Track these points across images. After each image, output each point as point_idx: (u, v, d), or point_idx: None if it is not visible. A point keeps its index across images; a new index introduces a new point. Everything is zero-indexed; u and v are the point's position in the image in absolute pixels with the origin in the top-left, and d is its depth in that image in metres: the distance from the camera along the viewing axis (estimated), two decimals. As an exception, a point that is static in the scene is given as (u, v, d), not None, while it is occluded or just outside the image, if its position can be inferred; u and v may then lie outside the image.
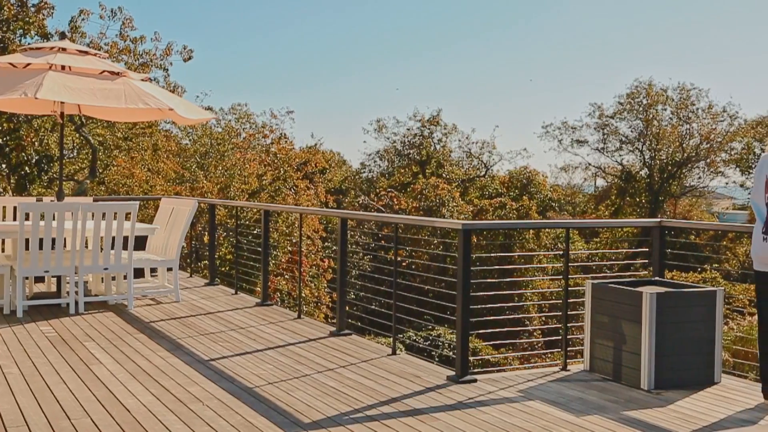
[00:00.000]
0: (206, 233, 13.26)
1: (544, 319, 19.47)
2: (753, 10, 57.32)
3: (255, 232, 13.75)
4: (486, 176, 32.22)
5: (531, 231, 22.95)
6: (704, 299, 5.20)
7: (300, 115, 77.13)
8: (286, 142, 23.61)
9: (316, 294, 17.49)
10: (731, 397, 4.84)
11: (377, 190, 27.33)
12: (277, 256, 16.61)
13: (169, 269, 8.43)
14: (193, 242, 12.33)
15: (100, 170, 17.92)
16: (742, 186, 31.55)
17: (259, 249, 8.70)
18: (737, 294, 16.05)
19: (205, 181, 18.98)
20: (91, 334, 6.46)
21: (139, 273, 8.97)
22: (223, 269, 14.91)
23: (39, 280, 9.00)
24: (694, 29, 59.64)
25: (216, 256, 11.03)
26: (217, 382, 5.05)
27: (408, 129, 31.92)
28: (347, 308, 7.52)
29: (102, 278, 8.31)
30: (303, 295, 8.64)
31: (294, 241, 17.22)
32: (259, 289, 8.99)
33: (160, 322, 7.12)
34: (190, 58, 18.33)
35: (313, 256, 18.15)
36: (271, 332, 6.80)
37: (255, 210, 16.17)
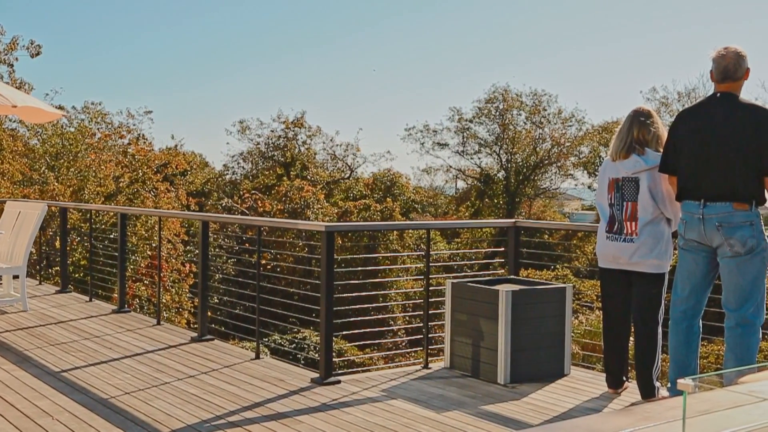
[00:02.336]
0: (58, 238, 12.59)
1: (407, 318, 19.83)
2: (598, 22, 60.97)
3: (112, 236, 13.20)
4: (350, 178, 32.45)
5: (394, 232, 23.34)
6: (555, 295, 5.49)
7: (159, 116, 74.69)
8: (144, 143, 22.78)
9: (177, 299, 16.99)
10: (579, 388, 5.13)
11: (241, 193, 26.91)
12: (135, 261, 16.00)
13: (16, 277, 7.94)
14: (43, 248, 11.68)
15: (-63, 172, 16.60)
16: (589, 188, 33.49)
17: (116, 254, 8.36)
18: (586, 290, 17.00)
19: (56, 184, 17.99)
20: (-75, 349, 5.98)
21: (-19, 281, 8.39)
22: (76, 276, 14.19)
23: None
24: (545, 37, 62.69)
25: (69, 262, 10.50)
26: (69, 395, 4.80)
27: (272, 131, 31.63)
28: (210, 313, 7.37)
29: (-61, 288, 7.71)
30: (163, 300, 8.38)
31: (154, 245, 16.64)
32: (116, 295, 8.63)
33: (5, 333, 6.69)
34: (38, 54, 17.35)
35: (174, 260, 17.61)
36: (129, 340, 6.55)
37: (111, 213, 15.51)
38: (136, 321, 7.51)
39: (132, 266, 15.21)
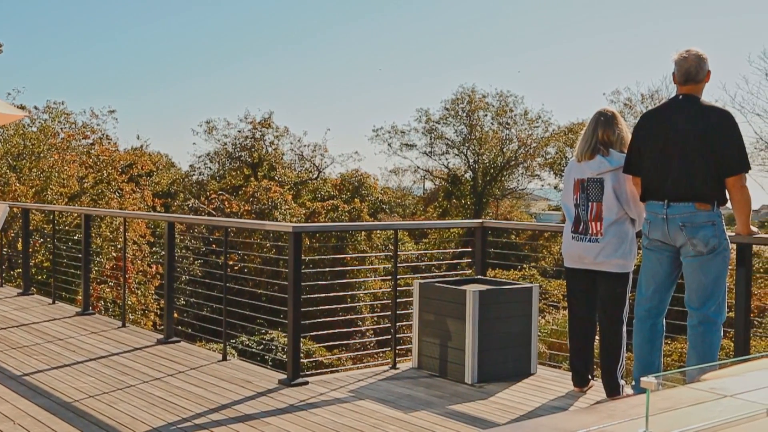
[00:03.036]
0: (20, 239, 12.37)
1: (376, 319, 19.84)
2: (565, 23, 61.59)
3: (76, 237, 13.02)
4: (318, 179, 32.36)
5: (362, 233, 23.33)
6: (522, 295, 5.53)
7: (124, 116, 73.77)
8: (109, 143, 22.49)
9: (143, 301, 16.80)
10: (545, 387, 5.17)
11: (208, 193, 26.68)
12: (100, 263, 15.79)
13: (-24, 279, 7.80)
14: (5, 250, 11.46)
15: None
16: (555, 188, 33.77)
17: (80, 255, 8.24)
18: (552, 289, 17.16)
19: (18, 184, 17.68)
20: None
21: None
22: (39, 278, 13.97)
23: None
24: (512, 38, 63.15)
25: (31, 264, 10.34)
26: (31, 399, 4.72)
27: (239, 131, 31.43)
28: (177, 315, 7.30)
29: None
30: (129, 302, 8.30)
31: (119, 246, 16.44)
32: (80, 297, 8.51)
33: (-34, 336, 6.56)
34: (-1, 52, 17.01)
35: (139, 262, 17.41)
36: (93, 342, 6.47)
37: (75, 214, 15.29)
38: (101, 323, 7.41)
39: (96, 268, 15.01)
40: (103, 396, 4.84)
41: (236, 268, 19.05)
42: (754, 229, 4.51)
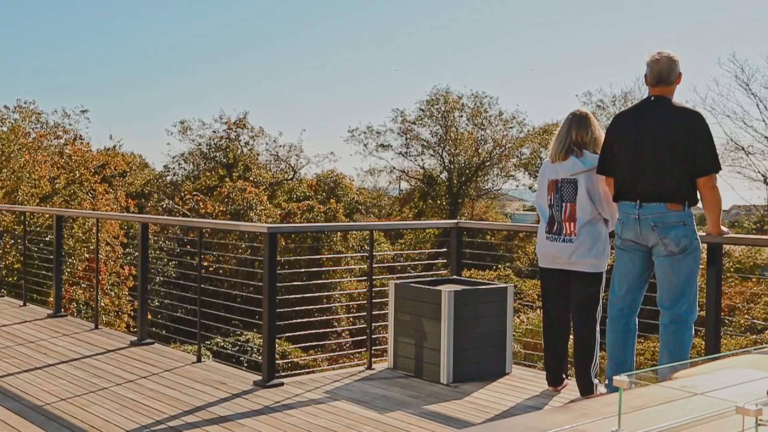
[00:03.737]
0: (-10, 241, 12.20)
1: (351, 319, 19.81)
2: (542, 23, 62.00)
3: (47, 239, 12.86)
4: (294, 180, 32.27)
5: (338, 233, 23.31)
6: (497, 295, 5.55)
7: (97, 116, 72.86)
8: (81, 143, 22.24)
9: (117, 303, 16.63)
10: (520, 386, 5.20)
11: (182, 194, 26.48)
12: (72, 264, 15.61)
13: (-55, 281, 7.68)
14: (-25, 251, 11.28)
15: None
16: (530, 188, 33.95)
17: (52, 257, 8.14)
18: (527, 289, 17.26)
19: (-12, 185, 17.42)
20: None
21: None
22: (10, 279, 13.77)
23: None
24: (486, 39, 63.43)
25: (2, 266, 10.20)
26: (1, 402, 4.66)
27: (214, 131, 31.23)
28: (151, 316, 7.25)
29: None
30: (102, 304, 8.23)
31: (92, 247, 16.27)
32: (51, 299, 8.41)
33: (-66, 340, 6.45)
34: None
35: (112, 263, 17.24)
36: (65, 345, 6.39)
37: (47, 215, 15.11)
38: (73, 325, 7.33)
39: (69, 269, 14.84)
40: (75, 399, 4.79)
41: (211, 269, 18.94)
42: (724, 229, 4.57)
